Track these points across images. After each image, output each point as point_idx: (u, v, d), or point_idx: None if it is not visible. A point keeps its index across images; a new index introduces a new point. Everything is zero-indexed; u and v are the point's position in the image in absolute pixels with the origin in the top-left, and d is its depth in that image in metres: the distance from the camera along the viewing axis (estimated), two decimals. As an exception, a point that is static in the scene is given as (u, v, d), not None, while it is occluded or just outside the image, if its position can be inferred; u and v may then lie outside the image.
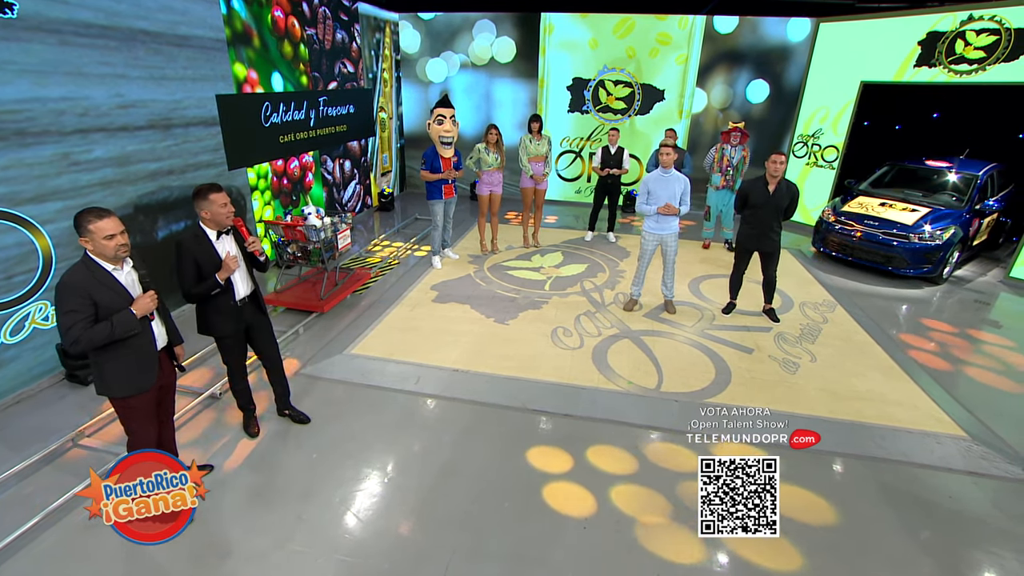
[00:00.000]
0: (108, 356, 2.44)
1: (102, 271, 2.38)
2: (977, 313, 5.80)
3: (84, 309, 2.31)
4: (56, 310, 2.33)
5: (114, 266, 2.41)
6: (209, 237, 2.94)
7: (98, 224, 2.32)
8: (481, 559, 2.65)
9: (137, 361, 2.52)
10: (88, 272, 2.35)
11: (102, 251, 2.35)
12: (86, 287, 2.32)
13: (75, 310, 2.29)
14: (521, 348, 4.61)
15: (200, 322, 3.11)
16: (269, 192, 6.32)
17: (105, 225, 2.33)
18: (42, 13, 3.61)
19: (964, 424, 3.79)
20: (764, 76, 8.96)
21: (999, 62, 6.55)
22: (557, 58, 9.28)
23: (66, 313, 2.29)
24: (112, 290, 2.39)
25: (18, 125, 3.54)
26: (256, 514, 2.87)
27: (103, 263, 2.38)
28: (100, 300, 2.35)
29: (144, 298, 2.47)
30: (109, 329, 2.34)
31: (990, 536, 2.89)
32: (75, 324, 2.29)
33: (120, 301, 2.40)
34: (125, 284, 2.44)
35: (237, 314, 3.12)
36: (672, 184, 4.91)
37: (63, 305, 2.30)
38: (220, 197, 2.91)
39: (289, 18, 6.35)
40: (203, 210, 2.90)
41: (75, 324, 2.29)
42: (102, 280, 2.37)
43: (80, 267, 2.36)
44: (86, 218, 2.32)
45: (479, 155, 6.45)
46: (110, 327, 2.34)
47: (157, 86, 4.52)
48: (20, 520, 2.69)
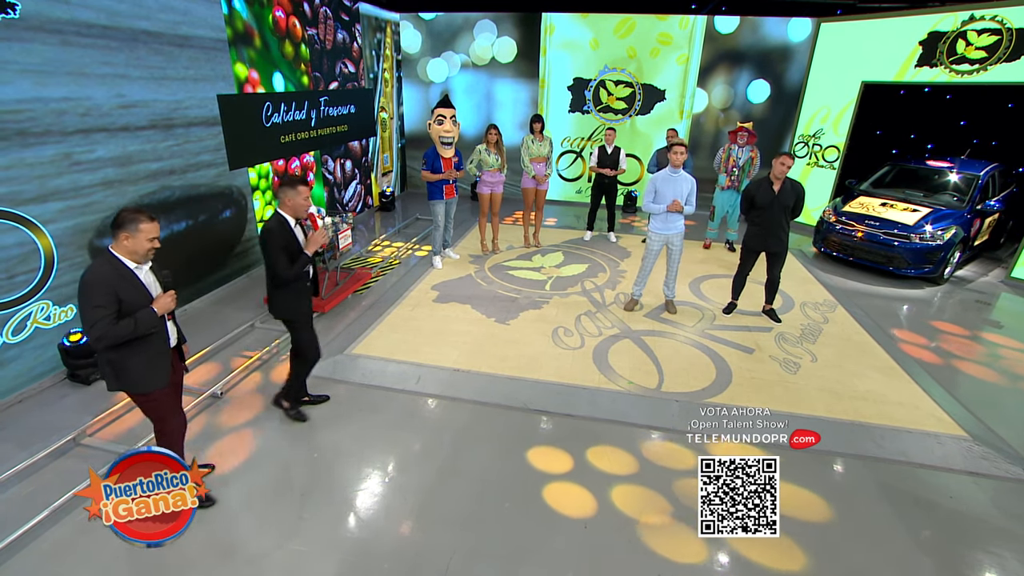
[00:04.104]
0: (130, 352, 2.49)
1: (126, 269, 2.43)
2: (978, 313, 5.80)
3: (110, 306, 2.35)
4: (80, 305, 2.34)
5: (137, 265, 2.46)
6: (289, 224, 3.14)
7: (148, 226, 2.41)
8: (481, 559, 2.65)
9: (157, 357, 2.59)
10: (113, 269, 2.39)
11: (137, 250, 2.42)
12: (112, 284, 2.36)
13: (101, 306, 2.33)
14: (522, 348, 4.61)
15: (280, 306, 3.32)
16: (270, 192, 6.33)
17: (152, 228, 2.43)
18: (44, 13, 3.61)
19: (965, 424, 3.79)
20: (765, 76, 8.96)
21: (1000, 62, 6.55)
22: (558, 58, 9.28)
23: (92, 309, 2.32)
24: (135, 288, 2.44)
25: (20, 125, 3.55)
26: (257, 514, 2.88)
27: (127, 261, 2.43)
28: (125, 297, 2.39)
29: (165, 297, 2.53)
30: (133, 326, 2.39)
31: (991, 536, 2.89)
32: (101, 320, 2.32)
33: (141, 299, 2.46)
34: (145, 283, 2.50)
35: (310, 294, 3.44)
36: (680, 184, 4.90)
37: (89, 301, 2.32)
38: (306, 190, 3.16)
39: (290, 18, 6.35)
40: (289, 199, 3.11)
41: (101, 320, 2.32)
42: (126, 278, 2.42)
43: (104, 264, 2.39)
44: (137, 217, 2.39)
45: (479, 156, 6.43)
46: (134, 324, 2.39)
47: (158, 86, 4.53)
48: (22, 519, 2.70)
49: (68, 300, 3.97)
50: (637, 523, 2.88)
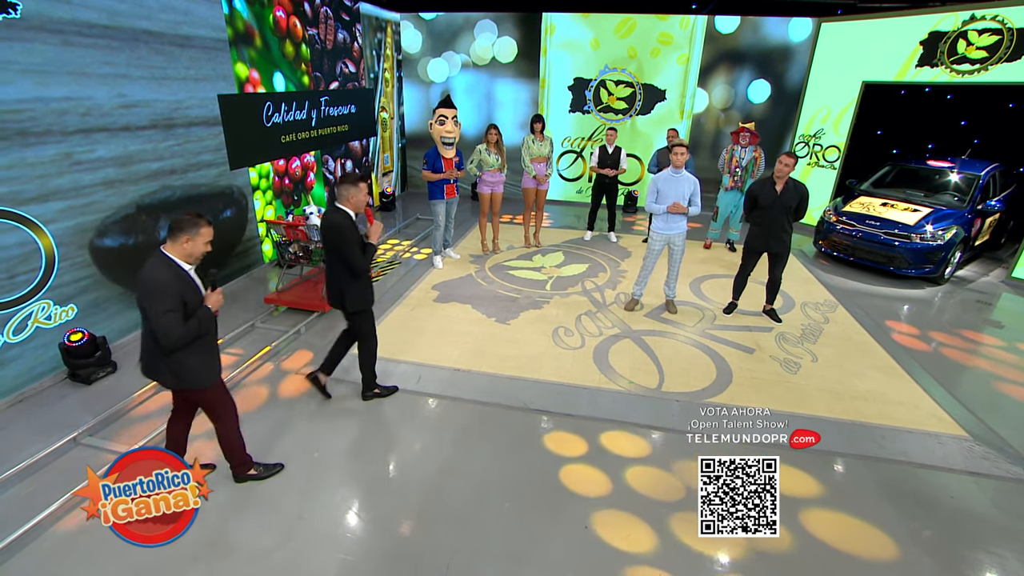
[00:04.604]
0: (190, 352, 2.57)
1: (183, 271, 2.50)
2: (979, 313, 5.79)
3: (179, 308, 2.43)
4: (151, 309, 2.39)
5: (190, 265, 2.53)
6: (352, 217, 3.32)
7: (207, 230, 2.53)
8: (482, 558, 2.65)
9: (212, 351, 2.72)
10: (173, 272, 2.46)
11: (194, 252, 2.51)
12: (176, 288, 2.43)
13: (173, 310, 2.40)
14: (522, 348, 4.61)
15: (357, 299, 3.47)
16: (271, 192, 6.33)
17: (210, 232, 2.55)
18: (45, 13, 3.62)
19: (965, 424, 3.79)
20: (765, 76, 8.96)
21: (1001, 62, 6.54)
22: (558, 58, 9.28)
23: (166, 313, 2.39)
24: (192, 288, 2.52)
25: (21, 125, 3.55)
26: (257, 513, 2.88)
27: (182, 263, 2.49)
28: (187, 298, 2.47)
29: (216, 295, 2.63)
30: (197, 325, 2.49)
31: (991, 536, 2.88)
32: (176, 323, 2.41)
33: (197, 299, 2.54)
34: (196, 282, 2.58)
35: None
36: (682, 184, 4.88)
37: (161, 305, 2.38)
38: (366, 187, 3.35)
39: (291, 18, 6.36)
40: (351, 195, 3.28)
41: (176, 323, 2.41)
42: (184, 279, 2.50)
43: (162, 267, 2.44)
44: (198, 222, 2.49)
45: (480, 156, 6.43)
46: (198, 323, 2.49)
47: (159, 86, 4.54)
48: (21, 520, 2.70)
49: (69, 300, 3.97)
50: (638, 522, 2.88)
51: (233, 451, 2.97)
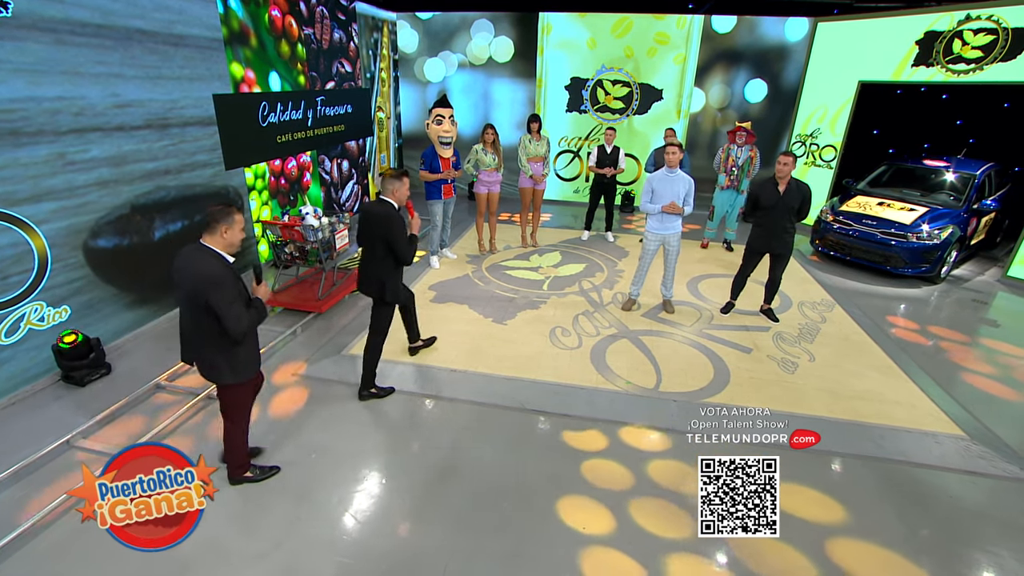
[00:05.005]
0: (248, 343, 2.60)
1: (228, 263, 2.49)
2: (975, 312, 5.81)
3: (241, 298, 2.44)
4: (216, 303, 2.37)
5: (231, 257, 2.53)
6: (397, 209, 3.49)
7: (240, 216, 2.55)
8: (479, 559, 2.64)
9: (255, 342, 2.72)
10: (224, 265, 2.45)
11: (234, 241, 2.49)
12: (232, 279, 2.44)
13: (235, 301, 2.41)
14: (519, 348, 4.60)
15: (399, 291, 3.68)
16: (267, 192, 6.30)
17: (242, 218, 2.54)
18: (37, 12, 3.58)
19: (962, 423, 3.79)
20: (762, 76, 8.97)
21: (996, 61, 6.56)
22: (555, 58, 9.27)
23: (230, 306, 2.38)
24: (239, 279, 2.52)
25: (13, 125, 3.52)
26: (254, 515, 2.86)
27: (225, 255, 2.48)
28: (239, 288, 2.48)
29: (263, 287, 2.63)
30: (255, 315, 2.49)
31: (989, 535, 2.88)
32: (242, 313, 2.42)
33: (245, 289, 2.53)
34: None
35: None
36: (677, 184, 4.88)
37: (227, 296, 2.37)
38: (408, 181, 3.55)
39: (286, 17, 6.33)
40: (395, 189, 3.50)
41: (242, 313, 2.42)
42: (233, 270, 2.50)
43: (211, 261, 2.43)
44: (230, 210, 2.47)
45: (476, 156, 6.42)
46: (256, 313, 2.50)
47: (153, 86, 4.50)
48: (15, 522, 2.67)
49: (62, 301, 3.94)
50: (638, 523, 2.87)
51: (235, 453, 2.95)
